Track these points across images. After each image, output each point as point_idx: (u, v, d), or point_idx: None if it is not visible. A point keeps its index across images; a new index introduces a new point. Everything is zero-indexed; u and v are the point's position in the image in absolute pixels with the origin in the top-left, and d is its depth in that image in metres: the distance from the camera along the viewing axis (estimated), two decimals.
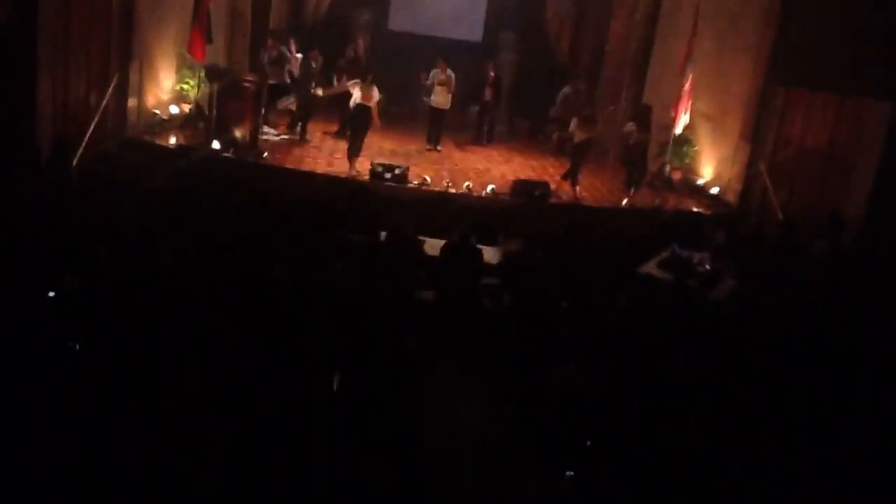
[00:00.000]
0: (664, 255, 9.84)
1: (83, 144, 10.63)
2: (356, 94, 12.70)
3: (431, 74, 14.92)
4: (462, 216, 11.13)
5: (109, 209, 9.11)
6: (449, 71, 14.79)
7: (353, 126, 12.95)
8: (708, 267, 9.73)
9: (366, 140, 13.25)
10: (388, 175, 12.03)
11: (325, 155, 13.48)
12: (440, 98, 14.86)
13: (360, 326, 6.34)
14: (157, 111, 12.94)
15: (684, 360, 6.25)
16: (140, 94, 12.49)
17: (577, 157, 13.04)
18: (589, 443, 5.43)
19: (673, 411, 5.57)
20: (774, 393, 5.99)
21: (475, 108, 16.38)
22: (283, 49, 14.32)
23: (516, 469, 5.86)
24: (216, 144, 12.16)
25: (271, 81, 13.73)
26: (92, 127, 10.97)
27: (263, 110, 13.38)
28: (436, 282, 9.22)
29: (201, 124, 12.94)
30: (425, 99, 15.30)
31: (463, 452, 6.19)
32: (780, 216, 11.68)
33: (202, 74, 12.83)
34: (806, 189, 11.84)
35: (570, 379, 5.98)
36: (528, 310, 8.12)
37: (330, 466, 4.57)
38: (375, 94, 12.85)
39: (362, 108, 12.75)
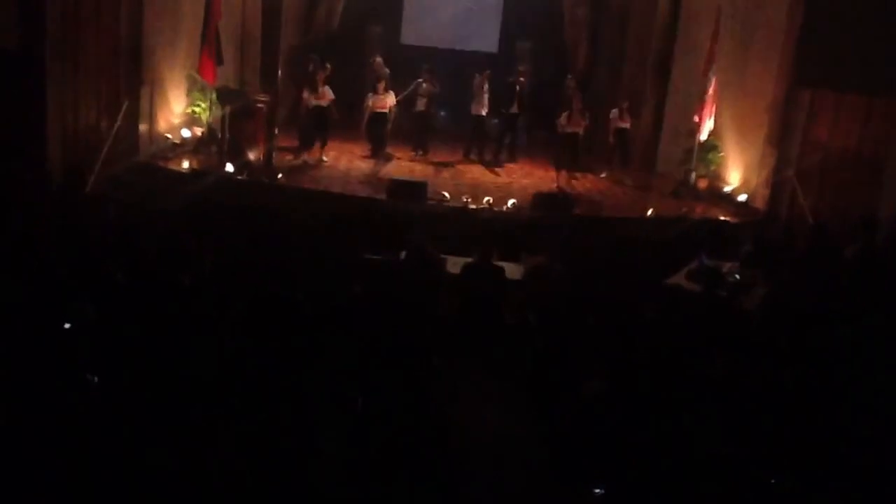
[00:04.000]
0: (692, 265, 9.60)
1: (95, 170, 10.58)
2: (370, 104, 13.74)
3: (475, 83, 14.89)
4: (483, 232, 10.94)
5: (125, 236, 9.01)
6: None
7: (370, 135, 13.94)
8: (738, 276, 9.47)
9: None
10: (406, 191, 11.83)
11: (340, 174, 13.32)
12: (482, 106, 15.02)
13: (382, 346, 6.18)
14: (169, 135, 12.86)
15: (717, 370, 6.05)
16: (151, 119, 12.43)
17: (559, 148, 13.94)
18: (618, 458, 5.25)
19: (705, 423, 5.37)
20: (809, 401, 5.77)
21: (495, 122, 15.98)
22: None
23: (544, 486, 5.70)
24: (229, 167, 12.03)
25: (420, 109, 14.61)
26: (103, 153, 10.93)
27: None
28: (458, 300, 9.05)
29: (214, 147, 12.81)
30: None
31: (489, 469, 6.04)
32: (811, 220, 11.44)
33: (214, 97, 12.72)
34: (836, 192, 11.65)
35: (598, 394, 5.79)
36: (553, 325, 7.91)
37: (353, 483, 4.47)
38: (391, 100, 13.87)
39: (378, 116, 13.73)
